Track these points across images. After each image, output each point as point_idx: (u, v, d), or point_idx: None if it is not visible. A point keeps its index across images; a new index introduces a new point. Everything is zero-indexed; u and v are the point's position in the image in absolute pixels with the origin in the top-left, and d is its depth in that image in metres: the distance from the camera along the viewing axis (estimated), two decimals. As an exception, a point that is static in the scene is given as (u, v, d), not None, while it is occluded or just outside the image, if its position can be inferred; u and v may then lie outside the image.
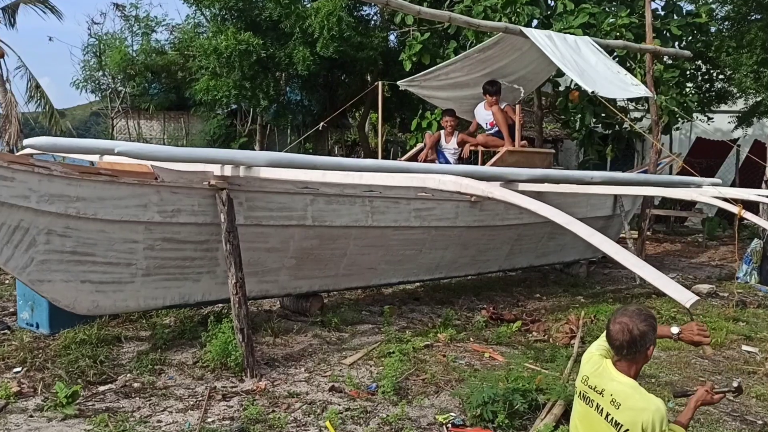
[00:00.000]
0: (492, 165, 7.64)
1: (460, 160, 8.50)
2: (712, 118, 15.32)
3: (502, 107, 8.36)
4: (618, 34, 10.67)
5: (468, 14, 11.51)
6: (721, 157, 15.39)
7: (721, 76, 15.31)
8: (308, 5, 13.54)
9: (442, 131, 8.69)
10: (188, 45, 16.08)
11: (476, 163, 8.24)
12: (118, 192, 4.82)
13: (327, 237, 6.18)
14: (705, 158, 15.12)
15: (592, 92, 7.17)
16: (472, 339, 6.17)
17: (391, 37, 15.74)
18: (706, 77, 15.33)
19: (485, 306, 7.36)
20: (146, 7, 26.06)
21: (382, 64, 14.49)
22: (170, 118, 18.67)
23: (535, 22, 11.16)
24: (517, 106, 8.03)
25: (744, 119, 14.81)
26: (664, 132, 11.48)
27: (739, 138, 15.32)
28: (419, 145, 8.76)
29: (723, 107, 15.97)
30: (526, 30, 7.44)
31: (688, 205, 15.52)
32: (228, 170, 5.18)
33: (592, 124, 13.11)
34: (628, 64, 10.83)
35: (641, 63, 10.70)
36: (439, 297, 7.98)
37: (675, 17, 12.06)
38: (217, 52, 12.95)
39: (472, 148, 8.34)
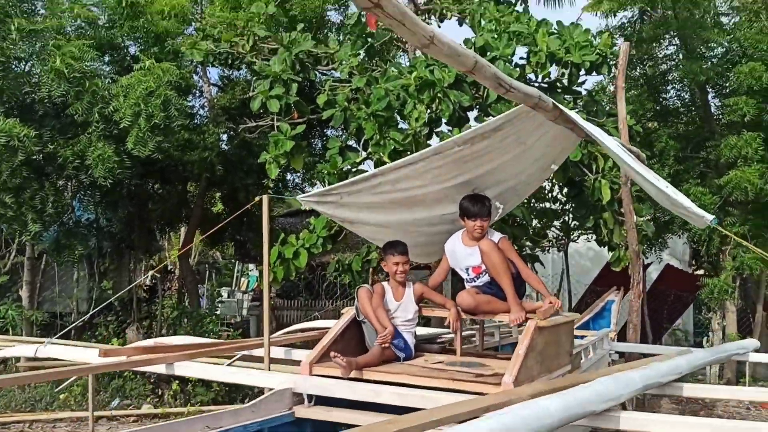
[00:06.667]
0: (523, 358, 3.87)
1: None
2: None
3: (497, 240, 4.73)
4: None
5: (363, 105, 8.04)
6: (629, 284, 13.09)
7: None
8: (111, 81, 9.21)
9: (385, 283, 4.81)
10: None
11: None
12: None
13: None
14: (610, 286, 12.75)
15: (713, 221, 3.86)
16: None
17: (224, 137, 11.76)
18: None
19: None
20: None
21: (221, 170, 10.38)
22: None
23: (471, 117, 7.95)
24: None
25: (654, 240, 12.68)
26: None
27: (651, 263, 13.17)
28: (347, 314, 4.71)
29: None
30: (573, 114, 4.00)
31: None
32: None
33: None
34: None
35: (611, 170, 7.84)
36: None
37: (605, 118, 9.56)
38: (-42, 148, 8.03)
39: (464, 316, 4.57)
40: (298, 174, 11.86)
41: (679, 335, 15.19)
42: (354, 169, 8.26)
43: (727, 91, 10.97)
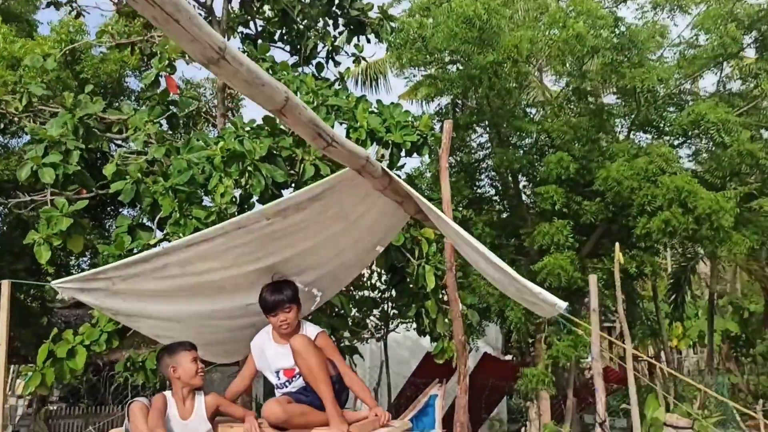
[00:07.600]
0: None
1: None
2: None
3: (314, 336, 3.85)
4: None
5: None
6: (449, 374, 12.75)
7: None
8: None
9: (168, 393, 3.71)
10: None
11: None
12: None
13: None
14: (430, 377, 12.31)
15: (565, 309, 3.31)
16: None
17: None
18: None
19: None
20: None
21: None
22: None
23: (285, 192, 7.07)
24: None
25: (475, 329, 12.46)
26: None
27: (470, 351, 12.90)
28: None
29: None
30: (404, 184, 3.35)
31: None
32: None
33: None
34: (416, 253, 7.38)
35: (435, 255, 7.36)
36: None
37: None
38: None
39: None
40: (86, 258, 10.25)
41: (496, 425, 15.04)
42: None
43: (538, 179, 11.25)
